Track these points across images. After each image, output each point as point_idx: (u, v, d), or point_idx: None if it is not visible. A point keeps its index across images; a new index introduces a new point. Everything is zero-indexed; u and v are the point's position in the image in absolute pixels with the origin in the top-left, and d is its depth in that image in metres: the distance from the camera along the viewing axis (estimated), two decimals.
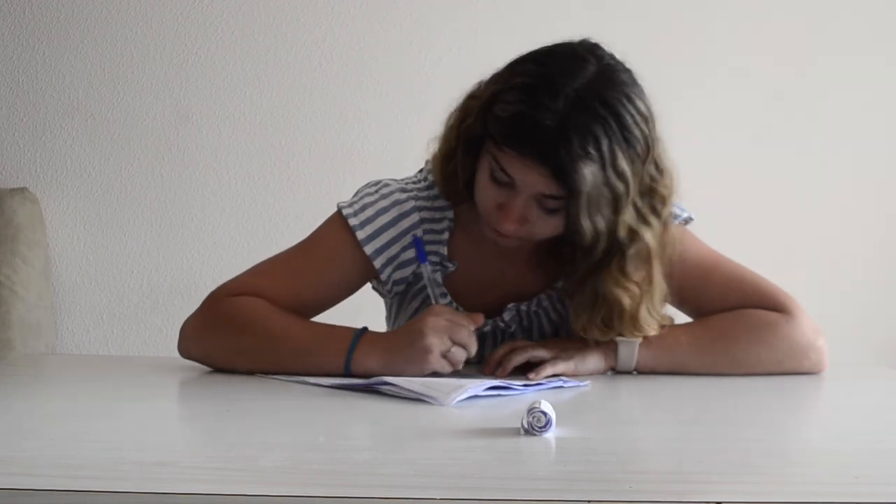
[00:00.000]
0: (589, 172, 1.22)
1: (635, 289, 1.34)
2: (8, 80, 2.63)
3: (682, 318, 1.53)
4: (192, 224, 2.66)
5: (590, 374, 1.36)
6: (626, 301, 1.34)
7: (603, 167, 1.23)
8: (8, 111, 2.63)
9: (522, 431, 0.92)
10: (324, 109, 2.66)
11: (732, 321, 1.42)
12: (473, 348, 1.29)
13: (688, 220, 1.48)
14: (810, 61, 2.71)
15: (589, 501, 0.70)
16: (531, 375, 1.31)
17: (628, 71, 1.30)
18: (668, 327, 1.43)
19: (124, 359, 2.08)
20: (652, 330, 1.37)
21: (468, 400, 1.11)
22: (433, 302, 1.39)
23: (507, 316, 1.46)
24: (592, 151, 1.22)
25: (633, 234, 1.30)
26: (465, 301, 1.45)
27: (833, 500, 0.72)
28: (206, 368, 1.40)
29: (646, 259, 1.33)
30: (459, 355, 1.28)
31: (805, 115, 2.71)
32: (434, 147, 1.42)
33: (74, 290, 2.64)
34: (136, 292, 2.65)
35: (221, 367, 1.37)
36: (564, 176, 1.23)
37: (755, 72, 2.70)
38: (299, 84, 2.65)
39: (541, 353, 1.36)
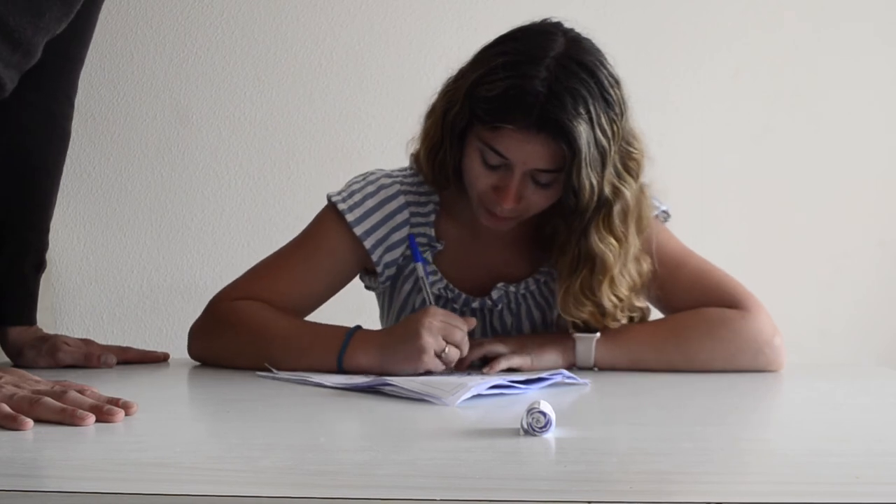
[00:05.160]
0: (584, 131, 1.28)
1: (616, 245, 1.38)
2: None
3: (655, 313, 1.55)
4: (192, 224, 2.65)
5: (547, 369, 1.37)
6: (609, 257, 1.38)
7: (591, 126, 1.29)
8: None
9: (522, 432, 0.92)
10: (324, 109, 2.65)
11: (688, 319, 1.46)
12: (466, 349, 1.33)
13: (666, 215, 1.50)
14: (811, 61, 2.71)
15: (589, 501, 0.70)
16: (485, 370, 1.35)
17: (590, 40, 1.36)
18: (626, 325, 1.45)
19: None
20: (623, 292, 1.41)
21: (470, 399, 1.11)
22: (428, 303, 1.41)
23: (495, 294, 1.48)
24: (582, 111, 1.28)
25: (616, 192, 1.35)
26: (453, 280, 1.47)
27: (833, 500, 0.72)
28: (205, 369, 1.41)
29: (625, 217, 1.38)
30: (453, 355, 1.31)
31: (805, 115, 2.71)
32: (415, 146, 1.46)
33: (74, 290, 2.64)
34: (136, 292, 2.65)
35: (225, 366, 1.42)
36: (566, 137, 1.27)
37: (755, 72, 2.70)
38: (299, 84, 2.65)
39: (497, 348, 1.41)
